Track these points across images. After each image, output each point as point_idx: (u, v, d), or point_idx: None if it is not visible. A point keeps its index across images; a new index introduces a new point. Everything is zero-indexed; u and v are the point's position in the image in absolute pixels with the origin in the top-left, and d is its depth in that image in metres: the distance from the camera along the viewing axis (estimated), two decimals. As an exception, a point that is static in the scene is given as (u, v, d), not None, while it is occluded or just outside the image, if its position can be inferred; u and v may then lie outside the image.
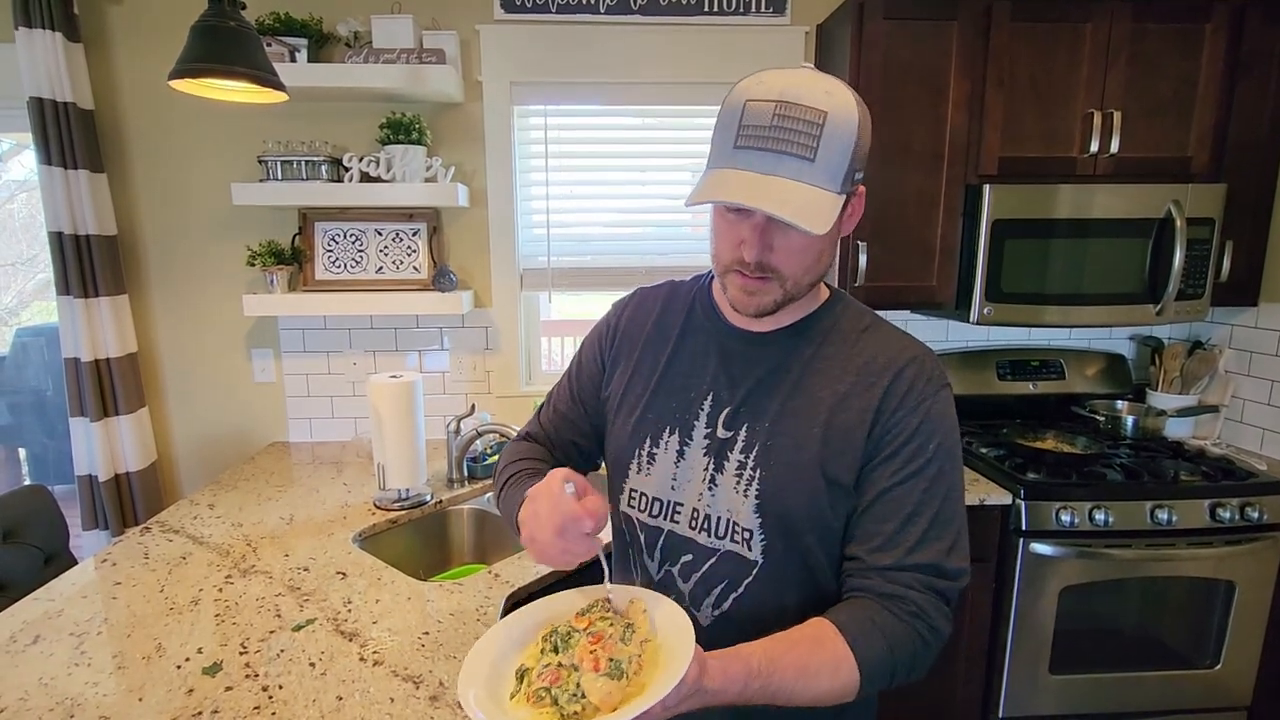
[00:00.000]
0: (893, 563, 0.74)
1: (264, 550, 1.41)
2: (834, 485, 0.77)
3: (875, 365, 0.78)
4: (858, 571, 0.77)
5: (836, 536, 0.79)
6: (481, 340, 2.17)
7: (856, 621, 0.71)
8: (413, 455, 1.63)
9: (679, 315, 0.91)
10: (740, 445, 0.80)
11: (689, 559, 0.83)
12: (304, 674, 1.01)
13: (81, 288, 1.88)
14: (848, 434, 0.77)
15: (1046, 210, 1.86)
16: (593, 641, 0.67)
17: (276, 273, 1.96)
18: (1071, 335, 2.31)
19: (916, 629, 0.72)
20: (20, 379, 3.44)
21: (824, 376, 0.79)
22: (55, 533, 1.48)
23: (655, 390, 0.87)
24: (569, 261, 2.17)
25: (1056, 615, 1.78)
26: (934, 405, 0.77)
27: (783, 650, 0.68)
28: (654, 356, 0.89)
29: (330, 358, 2.14)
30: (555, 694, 0.64)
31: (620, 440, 0.89)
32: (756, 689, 0.64)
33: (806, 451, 0.77)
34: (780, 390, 0.80)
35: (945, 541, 0.75)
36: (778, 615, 0.79)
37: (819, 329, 0.83)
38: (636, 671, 0.64)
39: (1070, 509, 1.72)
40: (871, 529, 0.76)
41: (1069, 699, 1.86)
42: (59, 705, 0.94)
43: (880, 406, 0.76)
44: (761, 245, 0.72)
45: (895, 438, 0.76)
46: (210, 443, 2.17)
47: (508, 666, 0.71)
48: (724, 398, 0.83)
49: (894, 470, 0.76)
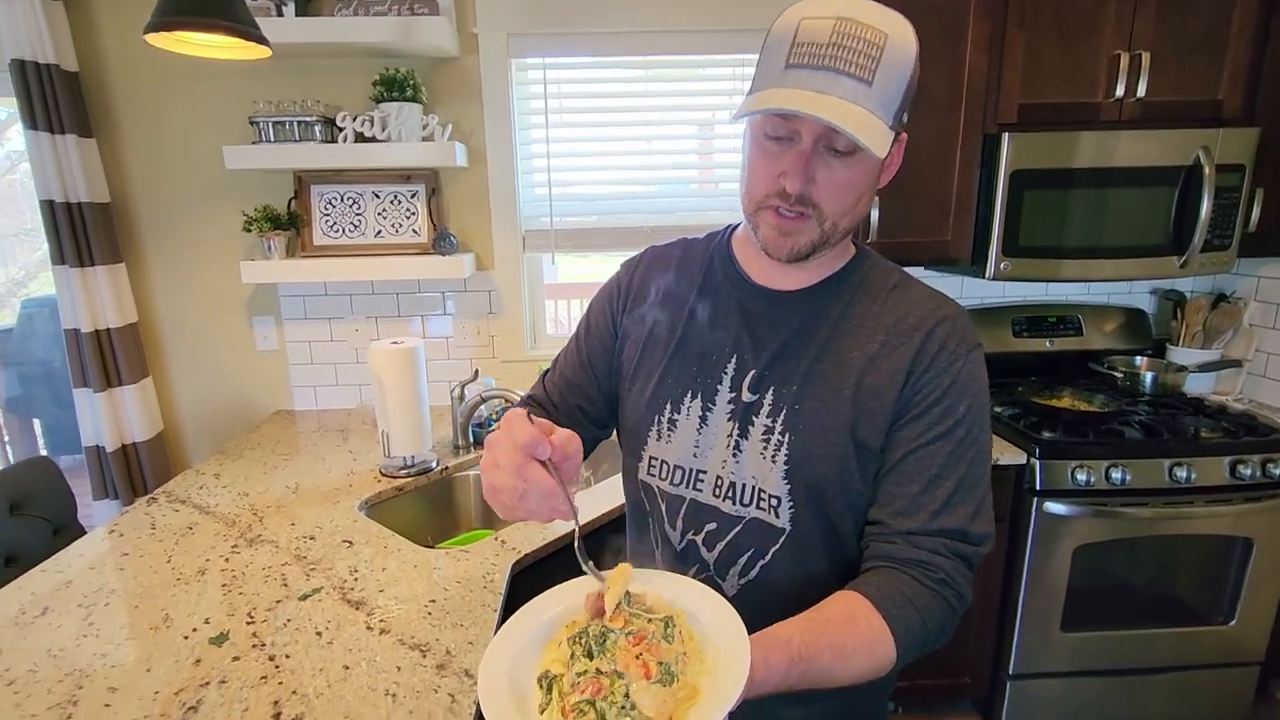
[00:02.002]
0: (918, 527, 0.71)
1: (270, 519, 1.40)
2: (863, 449, 0.74)
3: (905, 325, 0.75)
4: (880, 536, 0.74)
5: (865, 502, 0.76)
6: (484, 304, 2.13)
7: (888, 595, 0.68)
8: (417, 422, 1.61)
9: (696, 275, 0.86)
10: (767, 409, 0.77)
11: (713, 527, 0.81)
12: (311, 643, 1.00)
13: (77, 257, 1.85)
14: (877, 396, 0.73)
15: (1067, 159, 1.78)
16: (634, 642, 0.59)
17: (274, 238, 1.92)
18: (1090, 290, 2.24)
19: (945, 597, 0.70)
20: (27, 351, 3.44)
21: (853, 337, 0.76)
22: (63, 504, 1.48)
23: (673, 354, 0.83)
24: (572, 222, 2.12)
25: (1069, 574, 1.77)
26: (965, 366, 0.73)
27: (818, 631, 0.65)
28: (671, 319, 0.85)
29: (332, 324, 2.12)
30: (601, 708, 0.55)
31: (637, 407, 0.86)
32: (798, 675, 0.61)
33: (836, 415, 0.74)
34: (808, 352, 0.77)
35: (970, 506, 0.72)
36: (805, 582, 0.77)
37: (846, 287, 0.79)
38: (682, 671, 0.57)
39: (1086, 468, 1.69)
40: (894, 490, 0.73)
41: (1080, 656, 1.86)
42: (68, 676, 0.94)
43: (910, 367, 0.73)
44: (804, 175, 0.68)
45: (924, 398, 0.73)
46: (216, 412, 2.17)
47: (526, 674, 0.62)
48: (748, 360, 0.79)
49: (921, 431, 0.72)
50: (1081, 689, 1.89)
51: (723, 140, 2.11)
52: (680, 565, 0.83)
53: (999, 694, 1.92)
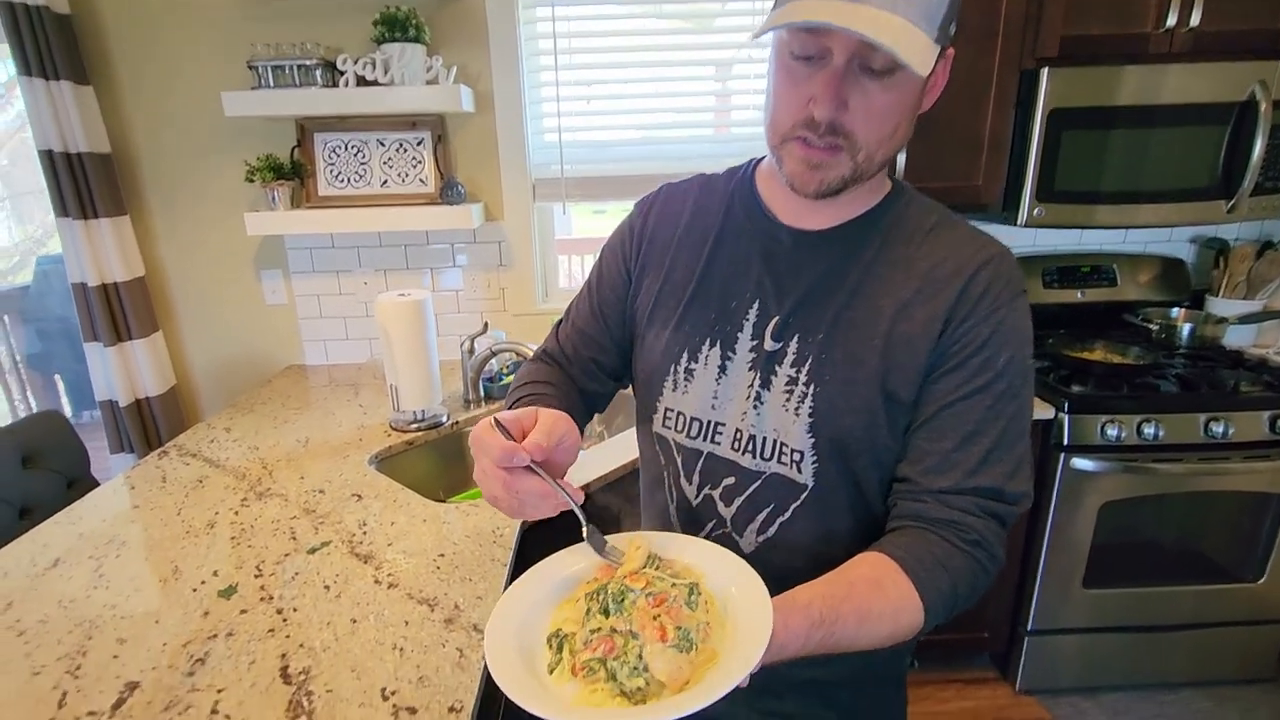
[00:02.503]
0: (951, 485, 0.66)
1: (280, 473, 1.39)
2: (893, 402, 0.68)
3: (945, 269, 0.68)
4: (909, 494, 0.69)
5: (893, 458, 0.71)
6: (495, 256, 2.08)
7: (917, 557, 0.64)
8: (426, 376, 1.58)
9: (715, 214, 0.80)
10: (790, 359, 0.71)
11: (731, 482, 0.76)
12: (318, 597, 0.99)
13: (80, 209, 1.82)
14: (910, 345, 0.67)
15: (1110, 97, 1.67)
16: (654, 604, 0.57)
17: (278, 189, 1.87)
18: (1127, 239, 2.14)
19: (977, 558, 0.65)
20: (44, 307, 3.46)
21: (885, 282, 0.70)
22: (75, 457, 1.48)
23: (691, 300, 0.77)
24: (584, 170, 2.04)
25: (1094, 530, 1.73)
26: (1009, 315, 0.67)
27: (842, 595, 0.61)
28: (688, 262, 0.79)
29: (340, 277, 2.08)
30: (612, 667, 0.53)
31: (652, 357, 0.81)
32: (818, 640, 0.57)
33: (865, 366, 0.68)
34: (835, 298, 0.71)
35: (1008, 464, 0.67)
36: (827, 540, 0.73)
37: (880, 227, 0.72)
38: (704, 640, 0.55)
39: (1117, 422, 1.63)
40: (926, 447, 0.68)
41: (1101, 612, 1.83)
42: (77, 628, 0.94)
43: (949, 315, 0.67)
44: (836, 101, 0.61)
45: (963, 348, 0.66)
46: (228, 366, 2.15)
47: (536, 633, 0.59)
48: (771, 307, 0.73)
49: (957, 384, 0.67)
50: (1101, 645, 1.87)
51: (741, 81, 2.00)
52: (696, 521, 0.80)
53: (1016, 649, 1.90)
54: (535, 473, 0.59)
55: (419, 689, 0.81)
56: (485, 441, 0.59)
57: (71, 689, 0.83)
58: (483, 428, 0.60)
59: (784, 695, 0.80)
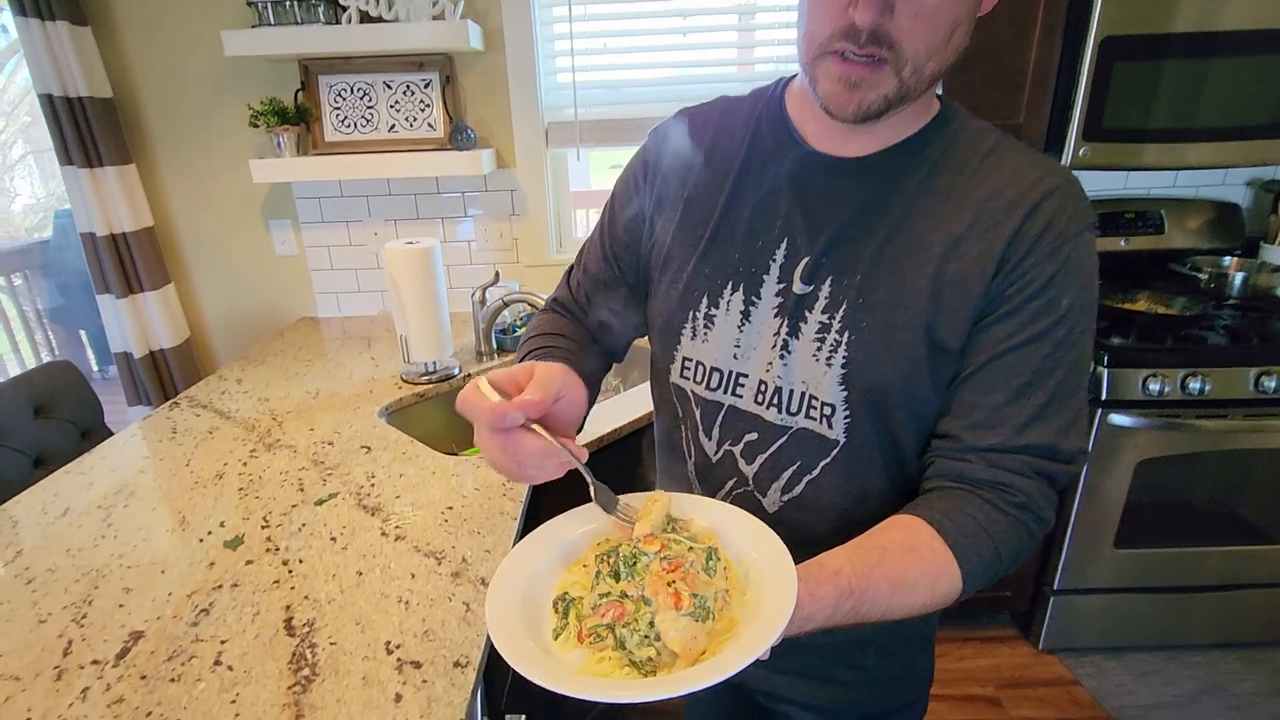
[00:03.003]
0: (998, 443, 0.60)
1: (289, 425, 1.37)
2: (938, 351, 0.61)
3: (1002, 200, 0.60)
4: (950, 452, 0.62)
5: (933, 411, 0.65)
6: (507, 205, 2.01)
7: (956, 521, 0.58)
8: (436, 326, 1.54)
9: (740, 141, 0.71)
10: (823, 304, 0.64)
11: (753, 438, 0.70)
12: (324, 548, 0.97)
13: (84, 157, 1.78)
14: (961, 287, 0.60)
15: (1167, 23, 1.53)
16: (668, 569, 0.53)
17: (283, 134, 1.81)
18: (1177, 181, 2.00)
19: (1024, 522, 0.59)
20: (64, 261, 3.47)
21: (933, 216, 0.61)
22: (87, 407, 1.47)
23: (712, 239, 0.70)
24: (599, 113, 1.94)
25: (1129, 489, 1.66)
26: (1075, 251, 0.59)
27: (874, 562, 0.55)
28: (708, 196, 0.71)
29: (350, 228, 2.03)
30: (621, 635, 0.49)
31: (669, 302, 0.74)
32: (847, 610, 0.53)
33: (908, 310, 0.61)
34: (876, 235, 0.63)
35: (1064, 419, 0.60)
36: (858, 500, 0.67)
37: (928, 153, 0.63)
38: (722, 608, 0.51)
39: (1160, 376, 1.54)
40: (973, 400, 0.61)
41: (1130, 572, 1.78)
42: (84, 576, 0.93)
43: (1005, 252, 0.59)
44: (879, 2, 0.52)
45: (1021, 290, 0.59)
46: (241, 319, 2.14)
47: (541, 596, 0.55)
48: (801, 245, 0.65)
49: (1013, 330, 0.59)
50: (1127, 605, 1.82)
51: (767, 15, 1.87)
52: (715, 479, 0.75)
53: (1040, 608, 1.86)
54: (533, 431, 0.54)
55: (424, 643, 0.79)
56: (472, 404, 0.54)
57: (77, 637, 0.82)
58: (469, 389, 0.55)
59: (805, 655, 0.76)
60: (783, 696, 0.81)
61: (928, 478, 0.64)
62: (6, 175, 5.76)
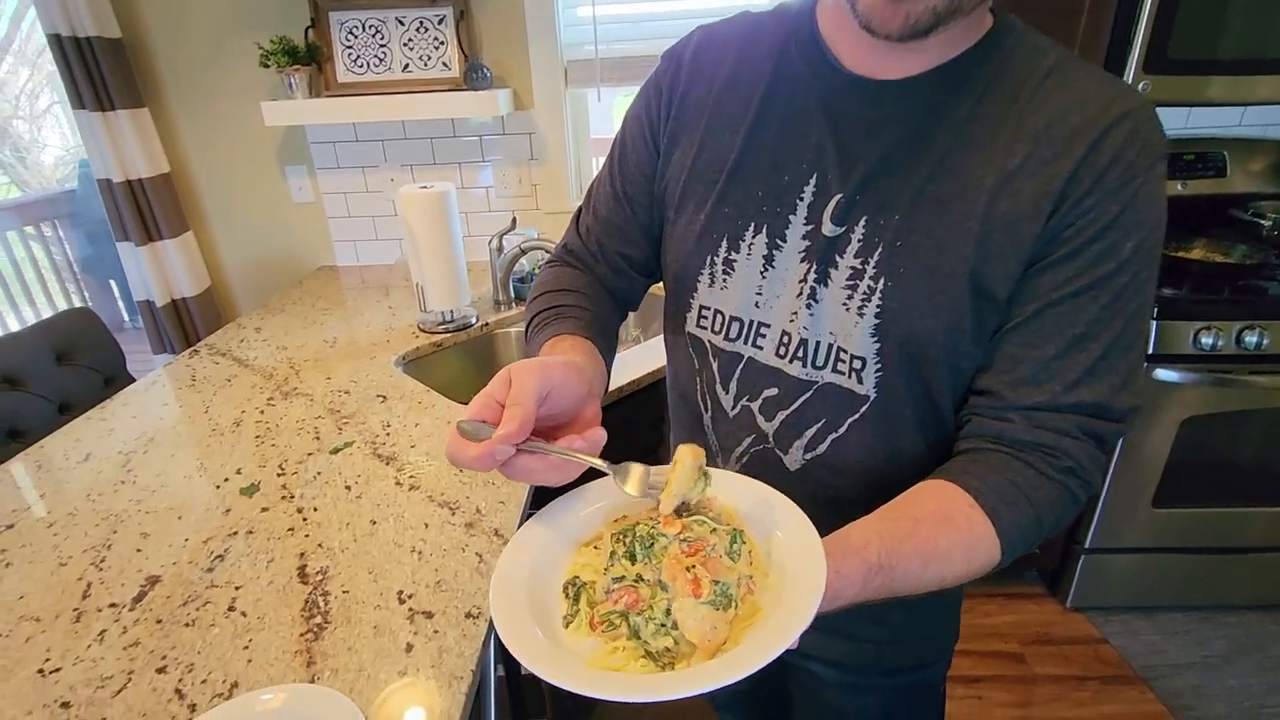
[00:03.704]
0: (1045, 400, 0.54)
1: (306, 373, 1.36)
2: (984, 299, 0.55)
3: (1064, 127, 0.52)
4: (990, 410, 0.57)
5: (973, 366, 0.59)
6: (525, 149, 1.94)
7: (995, 487, 0.53)
8: (452, 274, 1.50)
9: (765, 63, 0.64)
10: (855, 247, 0.58)
11: (773, 393, 0.65)
12: (339, 497, 0.96)
13: (96, 100, 1.74)
14: (1013, 229, 0.53)
15: (1245, -61, 1.38)
16: (688, 552, 0.48)
17: (294, 74, 1.75)
18: (1243, 119, 1.86)
19: (1069, 488, 0.54)
20: (91, 210, 3.49)
21: (984, 148, 0.54)
22: (109, 354, 1.48)
23: (732, 174, 0.64)
24: (620, 49, 1.85)
25: (1172, 447, 1.59)
26: (1144, 187, 0.51)
27: (904, 534, 0.51)
28: (729, 125, 0.64)
29: (366, 174, 1.98)
30: (635, 623, 0.45)
31: (684, 245, 0.68)
32: (876, 586, 0.49)
33: (952, 254, 0.54)
34: (918, 169, 0.56)
35: (1120, 374, 0.54)
36: (887, 460, 0.62)
37: (979, 75, 0.55)
38: (745, 594, 0.46)
39: (1214, 330, 1.45)
40: (1019, 353, 0.55)
41: (1167, 532, 1.72)
42: (104, 521, 0.93)
43: (1065, 188, 0.51)
44: None
45: (1081, 231, 0.52)
46: (261, 267, 2.12)
47: (551, 580, 0.51)
48: (833, 181, 0.59)
49: (1069, 276, 0.53)
50: (1162, 565, 1.77)
51: (798, -61, 1.74)
52: (733, 435, 0.70)
53: (1070, 566, 1.82)
54: (531, 452, 0.48)
55: (436, 593, 0.77)
56: (457, 455, 0.47)
57: (95, 580, 0.82)
58: (450, 440, 0.48)
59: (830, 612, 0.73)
60: (805, 653, 0.79)
61: (963, 437, 0.59)
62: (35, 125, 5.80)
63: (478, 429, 0.46)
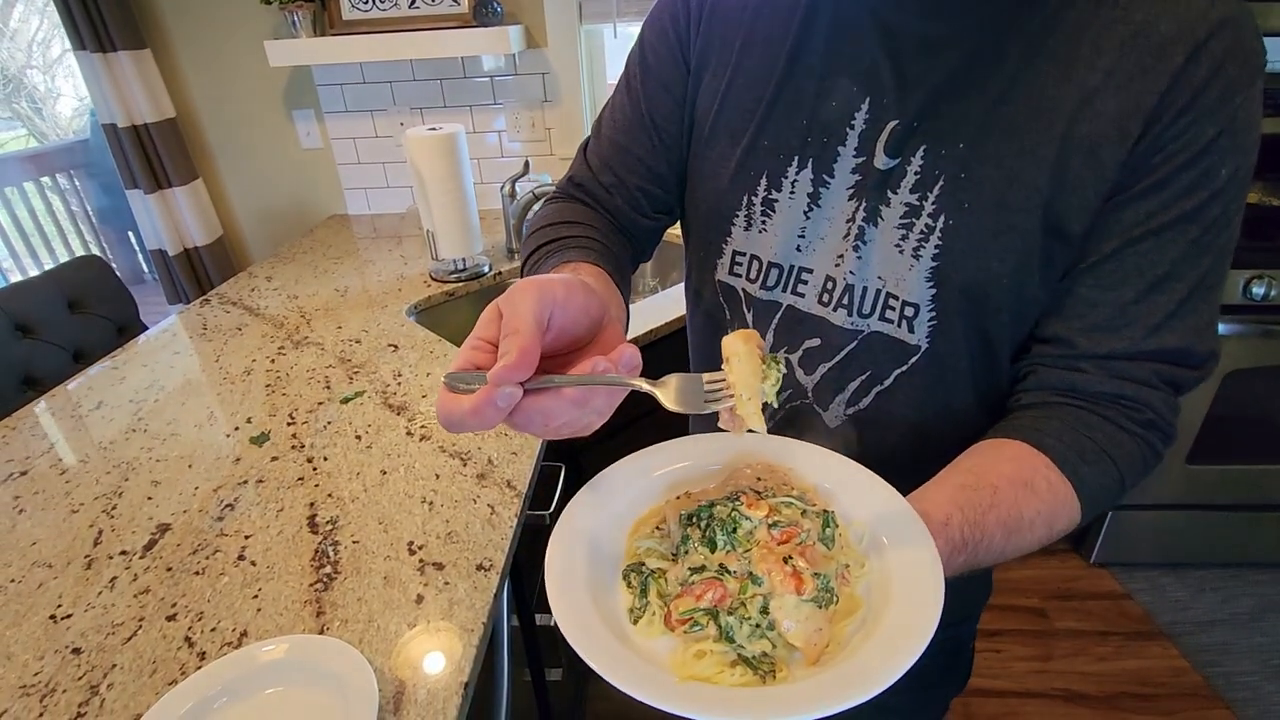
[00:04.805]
0: (1124, 348, 0.49)
1: (317, 322, 1.33)
2: (1057, 236, 0.49)
3: (1153, 37, 0.45)
4: (1060, 360, 0.51)
5: (1038, 311, 0.53)
6: (538, 90, 1.86)
7: (1073, 445, 0.48)
8: (463, 220, 1.46)
9: None
10: (912, 181, 0.51)
11: (814, 345, 0.59)
12: (349, 447, 0.94)
13: (96, 40, 1.69)
14: (1094, 157, 0.46)
15: None
16: (780, 539, 0.41)
17: (297, 11, 1.68)
18: (1310, 51, 1.71)
19: (1150, 442, 0.49)
20: (105, 160, 3.45)
21: (1062, 63, 0.47)
22: (120, 303, 1.46)
23: (773, 102, 0.56)
24: (637, -19, 1.75)
25: (1212, 402, 1.52)
26: (1243, 106, 0.44)
27: (985, 505, 0.46)
28: (768, 46, 0.57)
29: (375, 118, 1.92)
30: (727, 624, 0.38)
31: (717, 183, 0.61)
32: (959, 564, 0.44)
33: (1024, 186, 0.48)
34: (986, 89, 0.49)
35: (1203, 316, 0.48)
36: (938, 416, 0.57)
37: None
38: (842, 586, 0.40)
39: (1267, 279, 1.37)
40: (1094, 296, 0.49)
41: (1200, 489, 1.67)
42: (115, 469, 0.92)
43: (1158, 107, 0.45)
44: None
45: (1172, 157, 0.45)
46: (273, 216, 2.09)
47: (606, 562, 0.44)
48: (889, 106, 0.52)
49: (1157, 208, 0.46)
50: (1192, 521, 1.73)
51: None
52: None
53: (1096, 522, 1.78)
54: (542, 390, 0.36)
55: (446, 544, 0.76)
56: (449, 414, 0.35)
57: (107, 528, 0.82)
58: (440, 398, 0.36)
59: None
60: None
61: (1026, 389, 0.53)
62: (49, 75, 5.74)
63: (470, 379, 0.35)
